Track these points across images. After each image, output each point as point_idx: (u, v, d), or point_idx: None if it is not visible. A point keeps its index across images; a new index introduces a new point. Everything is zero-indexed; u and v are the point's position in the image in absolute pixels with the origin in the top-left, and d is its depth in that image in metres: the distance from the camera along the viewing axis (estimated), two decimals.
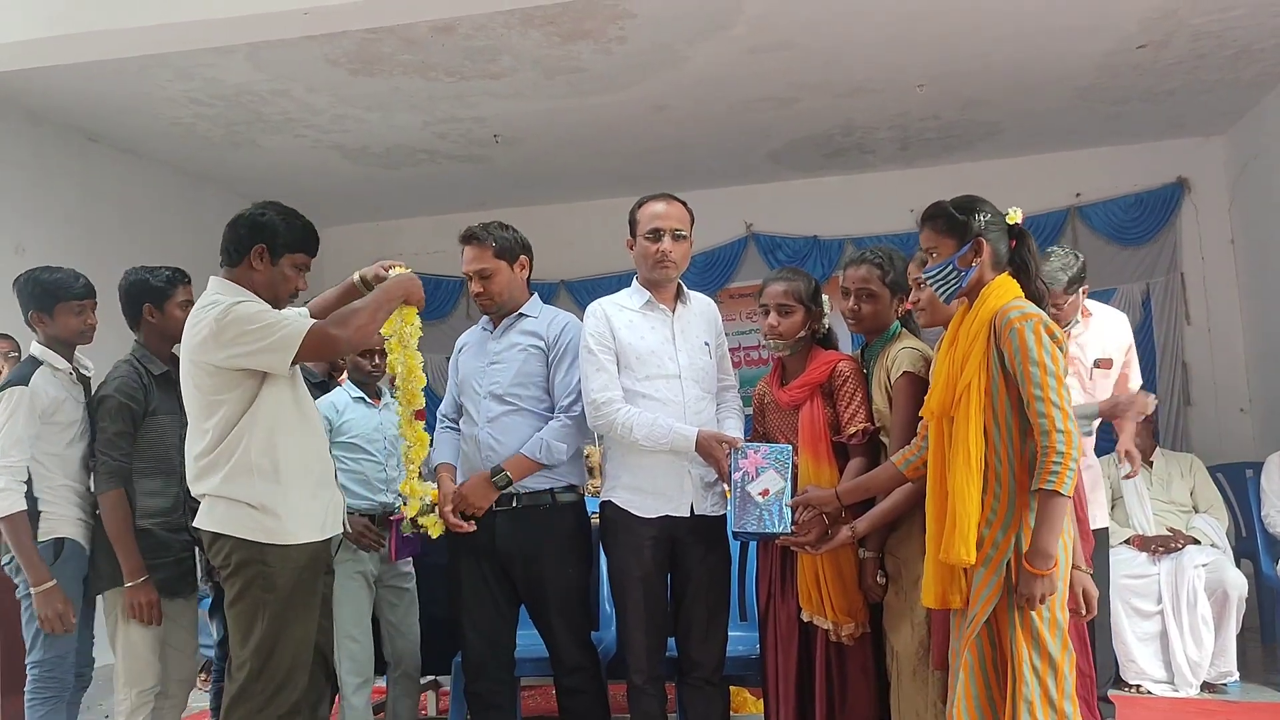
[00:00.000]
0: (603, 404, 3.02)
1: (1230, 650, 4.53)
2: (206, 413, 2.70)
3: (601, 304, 3.19)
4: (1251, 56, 5.87)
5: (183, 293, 3.35)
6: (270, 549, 2.67)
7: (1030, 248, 2.62)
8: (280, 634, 2.67)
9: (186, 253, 6.34)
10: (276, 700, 2.67)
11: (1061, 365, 2.39)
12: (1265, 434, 6.77)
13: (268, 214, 2.82)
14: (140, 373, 3.24)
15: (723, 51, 5.52)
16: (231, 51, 5.14)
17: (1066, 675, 2.37)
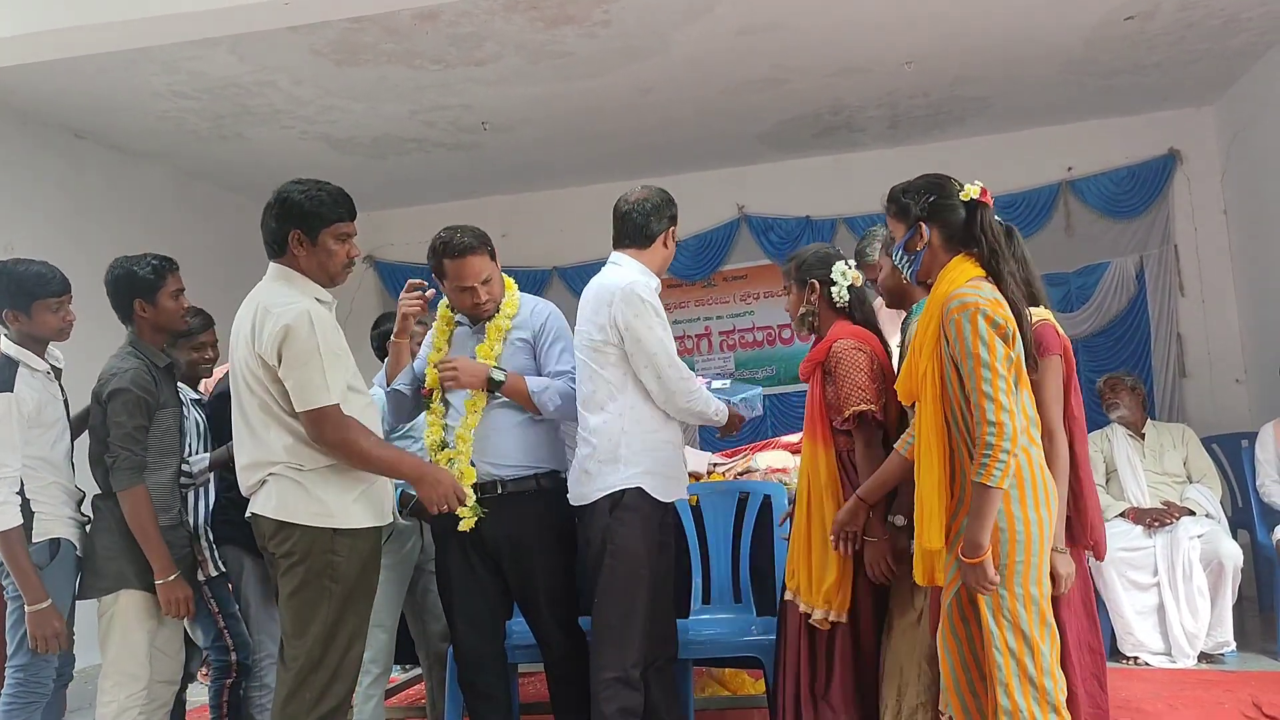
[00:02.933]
0: (695, 382, 3.06)
1: (1227, 620, 4.54)
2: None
3: (649, 281, 3.09)
4: (1239, 25, 5.85)
5: (173, 281, 3.27)
6: (340, 537, 2.65)
7: (985, 222, 2.50)
8: (341, 624, 2.65)
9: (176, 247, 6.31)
10: (333, 690, 2.65)
11: (999, 354, 2.32)
12: (1261, 404, 6.78)
13: (290, 195, 2.74)
14: (147, 365, 3.18)
15: (709, 33, 5.49)
16: (215, 44, 5.12)
17: (1045, 653, 2.36)
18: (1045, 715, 2.34)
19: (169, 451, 3.21)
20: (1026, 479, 2.38)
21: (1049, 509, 2.41)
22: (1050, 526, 2.41)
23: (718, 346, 8.28)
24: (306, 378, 2.61)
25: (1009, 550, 2.36)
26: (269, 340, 2.62)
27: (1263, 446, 4.96)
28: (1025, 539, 2.36)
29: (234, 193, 7.54)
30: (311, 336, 2.62)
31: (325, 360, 2.62)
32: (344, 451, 2.65)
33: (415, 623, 3.81)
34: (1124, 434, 4.99)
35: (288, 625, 2.70)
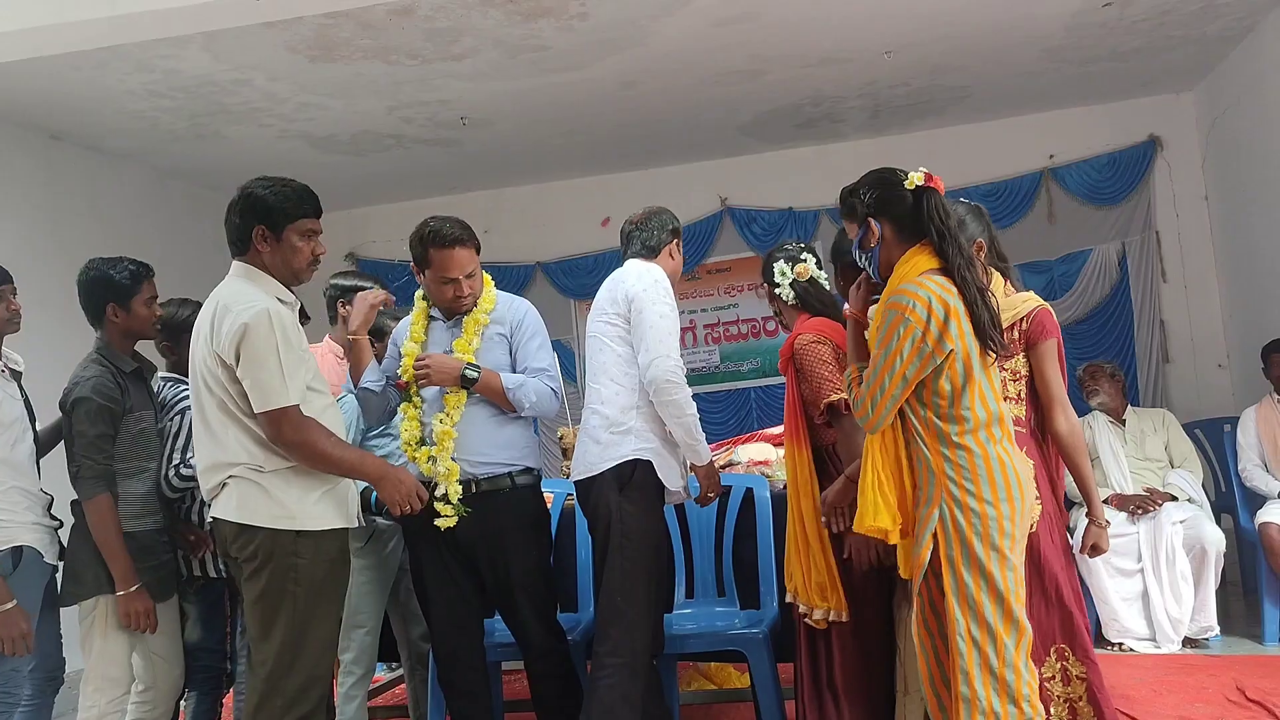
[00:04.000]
0: (683, 371, 3.07)
1: (1210, 605, 4.56)
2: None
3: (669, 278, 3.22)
4: (1216, 11, 5.86)
5: (148, 288, 3.23)
6: (303, 539, 2.62)
7: (931, 207, 2.49)
8: (308, 628, 2.62)
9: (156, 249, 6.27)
10: (306, 696, 2.62)
11: (894, 344, 2.41)
12: (1243, 389, 6.79)
13: (254, 191, 2.71)
14: (113, 372, 3.13)
15: (687, 25, 5.47)
16: (188, 42, 5.07)
17: (1009, 645, 2.37)
18: (1004, 706, 2.35)
19: (144, 457, 3.18)
20: (988, 471, 2.41)
21: (1012, 502, 2.41)
22: (1017, 518, 2.42)
23: (702, 340, 8.27)
24: (265, 378, 2.57)
25: (968, 541, 2.38)
26: (227, 339, 2.59)
27: (1244, 431, 4.98)
28: (984, 531, 2.38)
29: (213, 192, 7.47)
30: (270, 336, 2.58)
31: (284, 360, 2.59)
32: (303, 452, 2.62)
33: (398, 623, 3.78)
34: (1105, 421, 5.01)
35: (254, 630, 2.65)
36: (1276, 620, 4.59)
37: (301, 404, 2.62)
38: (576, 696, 3.10)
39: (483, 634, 3.25)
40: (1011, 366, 2.85)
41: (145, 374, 3.31)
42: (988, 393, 2.48)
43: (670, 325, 3.07)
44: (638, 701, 2.96)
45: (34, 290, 4.09)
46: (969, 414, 2.44)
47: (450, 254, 3.11)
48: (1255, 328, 6.42)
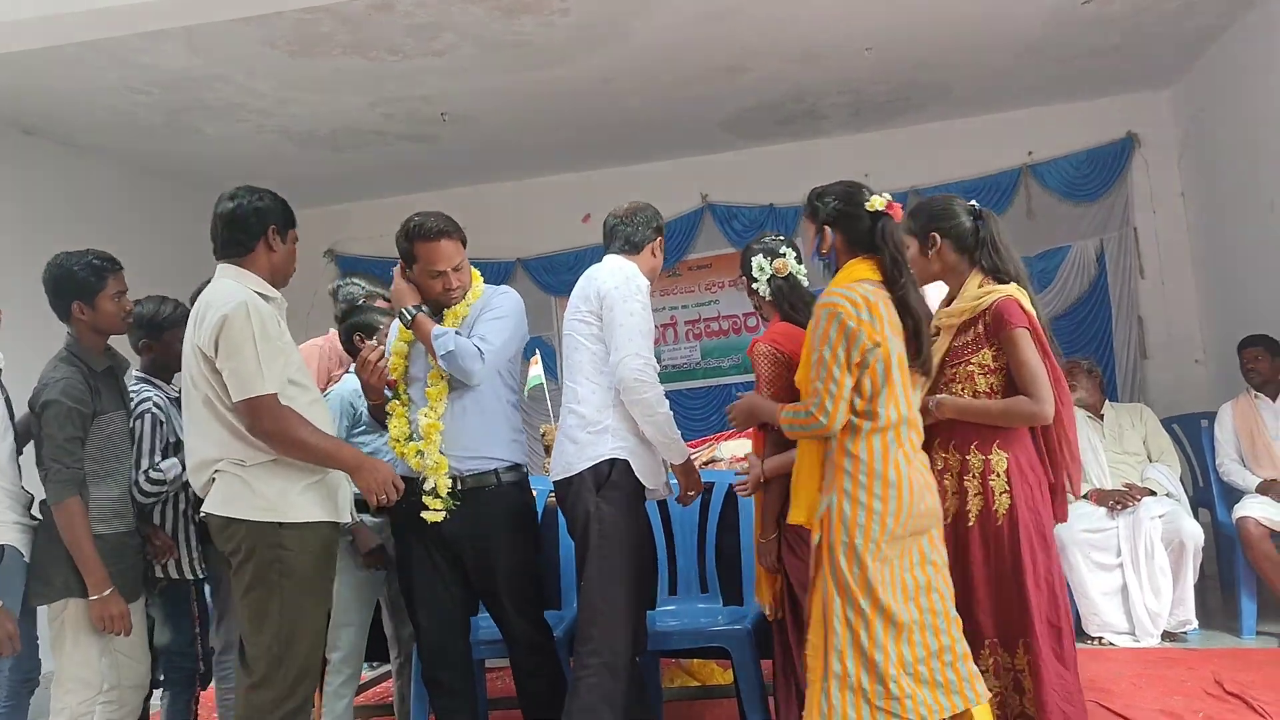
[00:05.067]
0: (655, 367, 3.05)
1: (1189, 599, 4.59)
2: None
3: (642, 275, 3.21)
4: (1194, 9, 5.90)
5: (114, 283, 3.17)
6: (286, 531, 2.66)
7: (882, 232, 2.66)
8: (298, 621, 2.67)
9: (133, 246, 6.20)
10: (298, 690, 2.67)
11: (833, 339, 2.54)
12: (1219, 384, 6.85)
13: (264, 198, 2.87)
14: (83, 371, 3.08)
15: (668, 21, 5.46)
16: (166, 36, 5.02)
17: (879, 629, 2.49)
18: (872, 685, 2.48)
19: (115, 458, 3.13)
20: (883, 471, 2.54)
21: (900, 502, 2.54)
22: (902, 518, 2.54)
23: (683, 336, 8.27)
24: (241, 366, 2.64)
25: (850, 532, 2.53)
26: (207, 331, 2.66)
27: (1222, 426, 5.02)
28: (865, 525, 2.52)
29: (191, 188, 7.40)
30: (247, 326, 2.65)
31: (261, 350, 2.65)
32: (280, 441, 2.68)
33: (389, 622, 3.77)
34: (1084, 416, 5.04)
35: (245, 624, 2.69)
36: (1254, 614, 4.64)
37: (281, 395, 2.67)
38: (561, 693, 3.09)
39: (468, 631, 3.24)
40: (979, 360, 2.88)
41: (118, 372, 3.26)
42: (901, 398, 2.60)
43: (640, 323, 3.05)
44: (619, 700, 2.95)
45: (7, 286, 4.05)
46: (883, 413, 2.56)
47: (435, 246, 3.11)
48: (1231, 323, 6.48)
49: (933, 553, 2.61)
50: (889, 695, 2.48)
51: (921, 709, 2.49)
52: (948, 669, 2.56)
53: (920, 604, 2.55)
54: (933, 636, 2.56)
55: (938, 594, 2.59)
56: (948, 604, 2.61)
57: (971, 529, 2.86)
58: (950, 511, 2.89)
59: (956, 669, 2.56)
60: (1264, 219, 6.10)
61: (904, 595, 2.53)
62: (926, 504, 2.59)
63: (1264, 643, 4.52)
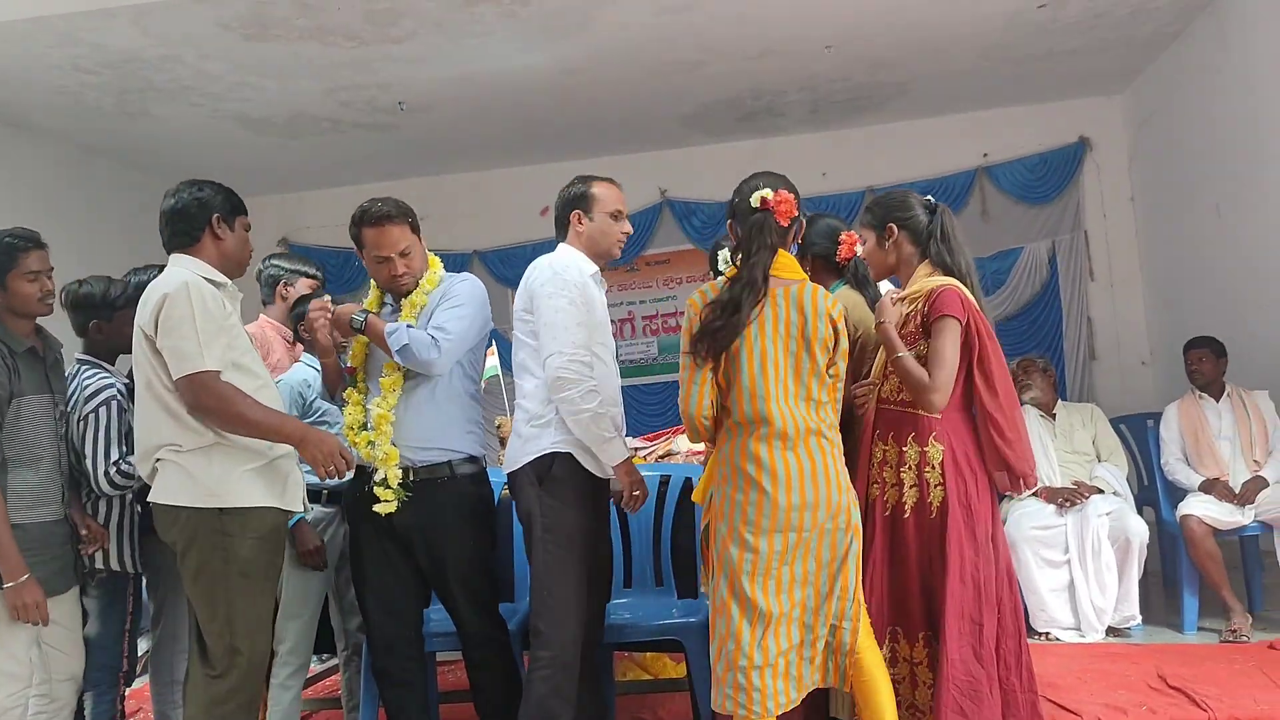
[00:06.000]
0: (583, 362, 2.93)
1: (1133, 595, 4.66)
2: None
3: (572, 258, 3.08)
4: (1147, 15, 6.00)
5: (32, 260, 3.01)
6: (228, 516, 2.65)
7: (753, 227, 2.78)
8: (246, 606, 2.66)
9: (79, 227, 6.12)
10: (251, 677, 2.68)
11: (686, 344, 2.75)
12: (1165, 385, 6.99)
13: (205, 189, 2.85)
14: (2, 352, 2.95)
15: (629, 13, 5.45)
16: (115, 14, 4.91)
17: (736, 618, 2.61)
18: (725, 673, 2.61)
19: (37, 443, 2.99)
20: (735, 463, 2.69)
21: (750, 494, 2.65)
22: (758, 511, 2.63)
23: (640, 331, 8.26)
24: (180, 343, 2.63)
25: (719, 519, 2.71)
26: (149, 313, 2.67)
27: (1167, 426, 5.10)
28: (729, 514, 2.68)
29: (139, 171, 7.28)
30: (187, 304, 2.64)
31: (201, 327, 2.64)
32: (222, 416, 2.67)
33: (336, 614, 3.72)
34: (1036, 415, 5.10)
35: (198, 613, 2.68)
36: (1195, 609, 4.72)
37: (223, 375, 2.67)
38: (515, 686, 3.07)
39: (420, 623, 3.20)
40: (919, 351, 2.90)
41: (44, 354, 3.10)
42: (758, 394, 2.67)
43: (565, 319, 2.95)
44: (571, 693, 2.93)
45: None
46: (734, 408, 2.69)
47: (380, 231, 3.09)
48: (1177, 326, 6.61)
49: (818, 547, 2.65)
50: (737, 685, 2.59)
51: (769, 703, 2.58)
52: (805, 663, 2.65)
53: (794, 597, 2.63)
54: (796, 629, 2.64)
55: (811, 588, 2.65)
56: (821, 600, 2.66)
57: (907, 520, 2.88)
58: (889, 503, 2.92)
59: (816, 660, 2.67)
60: (1210, 224, 6.22)
61: (776, 588, 2.61)
62: (804, 498, 2.62)
63: (1205, 638, 4.60)
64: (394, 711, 3.18)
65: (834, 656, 2.67)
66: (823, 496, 2.64)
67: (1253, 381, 5.15)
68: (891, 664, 2.85)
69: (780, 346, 2.67)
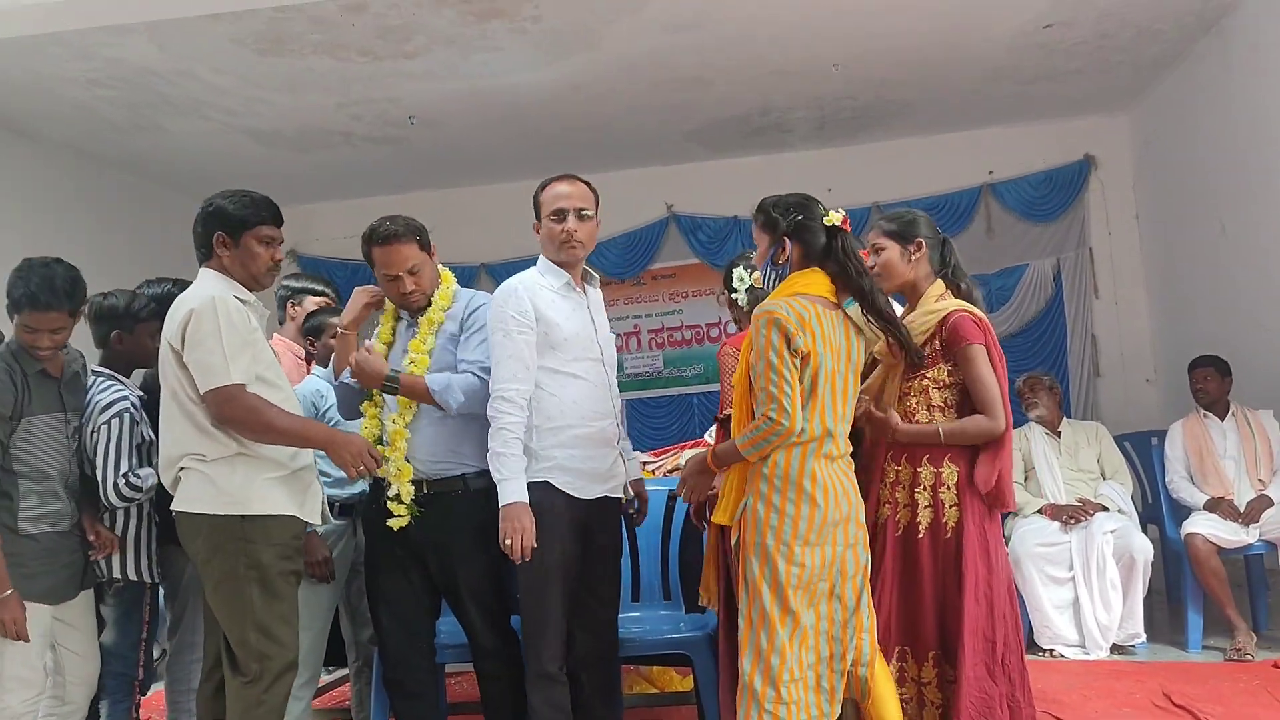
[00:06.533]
0: (505, 398, 2.90)
1: (1138, 613, 4.68)
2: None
3: (520, 282, 3.01)
4: (1152, 36, 6.04)
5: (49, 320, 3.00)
6: (250, 524, 2.69)
7: (840, 246, 2.75)
8: (271, 612, 2.70)
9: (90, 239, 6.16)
10: (283, 681, 2.73)
11: (775, 351, 2.60)
12: (1170, 403, 7.00)
13: (214, 202, 2.87)
14: (12, 370, 3.01)
15: (639, 31, 5.50)
16: (131, 30, 4.97)
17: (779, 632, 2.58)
18: (764, 688, 2.57)
19: (46, 460, 3.05)
20: (790, 476, 2.62)
21: (801, 507, 2.61)
22: (808, 525, 2.61)
23: (646, 345, 8.30)
24: (206, 358, 2.68)
25: (763, 533, 2.62)
26: (175, 327, 2.72)
27: (1172, 444, 5.13)
28: (777, 527, 2.61)
29: (152, 184, 7.33)
30: (214, 319, 2.69)
31: (227, 343, 2.69)
32: (250, 426, 2.72)
33: (347, 625, 3.75)
34: (1041, 432, 5.13)
35: (222, 623, 2.73)
36: (1200, 628, 4.74)
37: (248, 388, 2.71)
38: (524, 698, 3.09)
39: (432, 634, 3.23)
40: (934, 375, 2.93)
41: (56, 374, 3.14)
42: (828, 412, 2.67)
43: (497, 353, 2.93)
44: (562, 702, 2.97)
45: None
46: (806, 426, 2.63)
47: (389, 250, 3.11)
48: (1182, 344, 6.63)
49: (847, 560, 2.67)
50: (779, 699, 2.57)
51: (801, 715, 2.58)
52: (836, 676, 2.66)
53: (821, 610, 2.64)
54: (826, 643, 2.65)
55: (839, 601, 2.67)
56: (849, 613, 2.67)
57: (921, 540, 2.90)
58: (901, 523, 2.94)
59: (843, 675, 2.67)
60: (1215, 242, 6.25)
61: (809, 599, 2.62)
62: (842, 512, 2.66)
63: (1209, 656, 4.61)
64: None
65: (855, 668, 2.70)
66: (852, 512, 2.70)
67: (1257, 401, 5.18)
68: (899, 683, 2.88)
69: (840, 364, 2.70)
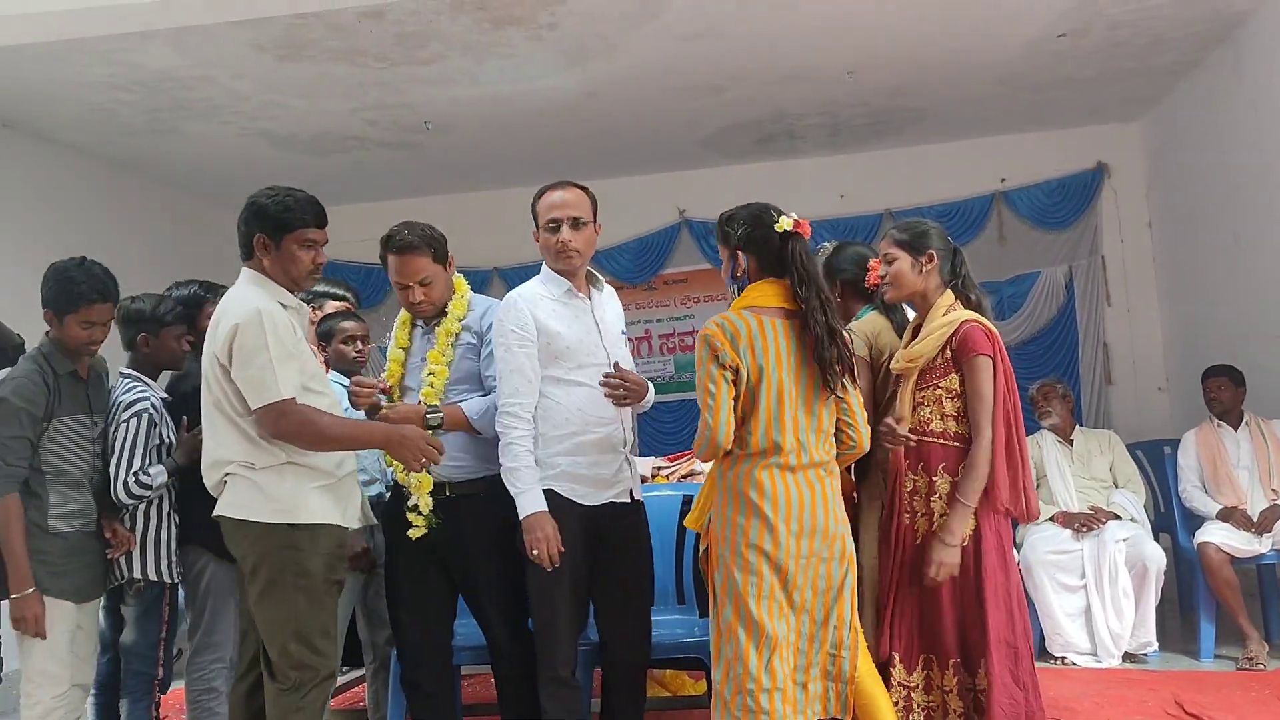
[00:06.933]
0: (510, 413, 2.97)
1: (1150, 621, 4.68)
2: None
3: (519, 295, 3.07)
4: (1165, 45, 6.05)
5: (95, 313, 3.13)
6: (299, 532, 2.68)
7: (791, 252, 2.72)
8: (314, 621, 2.70)
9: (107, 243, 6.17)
10: (322, 689, 2.72)
11: (703, 367, 2.66)
12: (1181, 411, 7.00)
13: (257, 201, 2.80)
14: (44, 372, 3.10)
15: (653, 39, 5.53)
16: (152, 36, 5.01)
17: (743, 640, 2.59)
18: (733, 695, 2.59)
19: (73, 460, 3.14)
20: (738, 487, 2.66)
21: (751, 519, 2.63)
22: (759, 535, 2.62)
23: (657, 349, 8.32)
24: (256, 375, 2.65)
25: (720, 543, 2.69)
26: (221, 340, 2.69)
27: (1185, 453, 5.13)
28: (730, 537, 2.65)
29: (169, 188, 7.38)
30: (260, 334, 2.65)
31: (275, 357, 2.65)
32: (305, 437, 2.69)
33: (364, 627, 3.77)
34: (1054, 440, 5.14)
35: (262, 628, 2.72)
36: (1212, 637, 4.74)
37: (297, 399, 2.68)
38: None
39: (450, 636, 3.26)
40: (946, 385, 2.96)
41: (84, 376, 3.24)
42: (774, 424, 2.65)
43: (501, 368, 3.01)
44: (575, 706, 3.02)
45: None
46: (750, 438, 2.65)
47: (402, 260, 3.16)
48: (1194, 352, 6.64)
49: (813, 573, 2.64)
50: (745, 708, 2.57)
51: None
52: (798, 689, 2.65)
53: (791, 622, 2.64)
54: (792, 655, 2.64)
55: (807, 614, 2.65)
56: (815, 627, 2.67)
57: None
58: (919, 532, 2.96)
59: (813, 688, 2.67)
60: (1229, 250, 6.26)
61: (779, 612, 2.62)
62: (803, 524, 2.62)
63: (1222, 665, 4.62)
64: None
65: (834, 684, 2.69)
66: (820, 525, 2.65)
67: (1271, 410, 5.19)
68: (926, 691, 2.90)
69: (789, 375, 2.66)
